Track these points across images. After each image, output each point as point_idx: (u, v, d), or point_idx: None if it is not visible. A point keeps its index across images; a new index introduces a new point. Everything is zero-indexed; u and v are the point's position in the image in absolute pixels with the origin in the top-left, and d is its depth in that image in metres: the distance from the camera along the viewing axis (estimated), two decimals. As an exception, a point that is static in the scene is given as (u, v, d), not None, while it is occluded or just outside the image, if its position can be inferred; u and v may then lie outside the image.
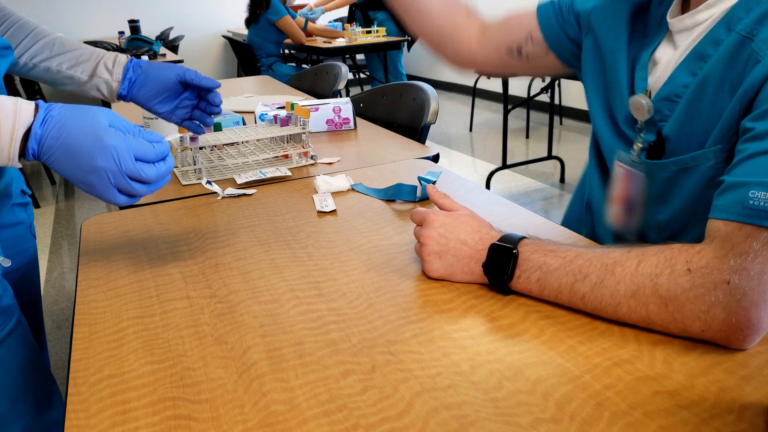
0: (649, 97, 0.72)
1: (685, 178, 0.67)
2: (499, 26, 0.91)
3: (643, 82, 0.73)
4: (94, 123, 0.61)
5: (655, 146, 0.70)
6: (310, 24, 4.54)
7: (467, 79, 5.42)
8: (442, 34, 0.93)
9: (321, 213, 0.94)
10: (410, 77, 6.09)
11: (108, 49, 0.94)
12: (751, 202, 0.53)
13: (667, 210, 0.72)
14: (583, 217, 0.91)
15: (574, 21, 0.86)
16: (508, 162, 3.20)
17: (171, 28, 5.60)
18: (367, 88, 4.61)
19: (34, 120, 0.60)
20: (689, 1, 0.71)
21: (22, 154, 0.60)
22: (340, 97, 1.91)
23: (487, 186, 3.09)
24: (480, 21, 0.93)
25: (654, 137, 0.72)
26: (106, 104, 3.15)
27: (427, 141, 1.46)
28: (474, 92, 4.52)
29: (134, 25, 4.19)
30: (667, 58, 0.72)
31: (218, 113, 0.95)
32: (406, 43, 4.47)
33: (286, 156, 1.20)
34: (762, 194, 0.53)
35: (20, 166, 0.63)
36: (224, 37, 5.57)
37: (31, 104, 0.61)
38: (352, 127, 1.49)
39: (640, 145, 0.74)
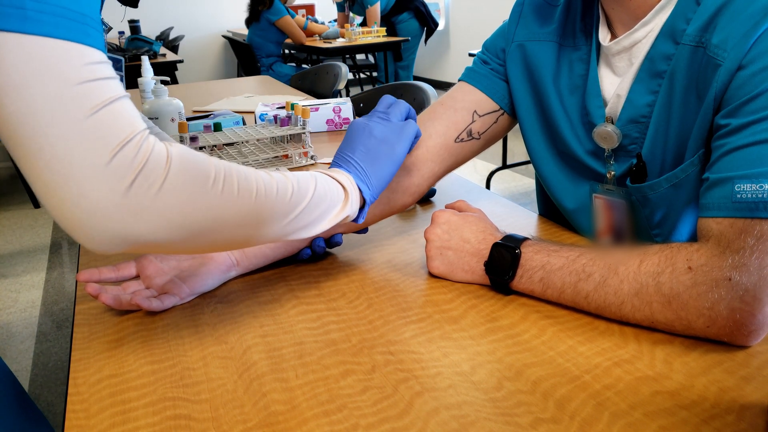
0: (612, 123, 0.72)
1: (678, 192, 0.68)
2: (439, 140, 0.82)
3: (600, 110, 0.73)
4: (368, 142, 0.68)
5: (637, 170, 0.71)
6: (310, 24, 4.55)
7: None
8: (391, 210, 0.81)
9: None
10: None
11: (109, 49, 0.93)
12: (738, 195, 0.54)
13: (667, 224, 0.72)
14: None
15: (503, 65, 0.84)
16: (509, 162, 3.20)
17: (171, 28, 5.61)
18: (367, 88, 4.61)
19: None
20: (613, 24, 0.71)
21: None
22: (340, 97, 1.91)
23: (488, 186, 3.09)
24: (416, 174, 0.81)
25: (629, 161, 0.72)
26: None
27: (427, 141, 1.45)
28: (474, 92, 4.51)
29: (134, 25, 4.19)
30: (609, 81, 0.73)
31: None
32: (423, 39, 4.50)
33: (286, 156, 1.20)
34: (748, 186, 0.53)
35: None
36: (224, 37, 5.58)
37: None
38: (352, 127, 1.49)
39: (613, 173, 0.74)
